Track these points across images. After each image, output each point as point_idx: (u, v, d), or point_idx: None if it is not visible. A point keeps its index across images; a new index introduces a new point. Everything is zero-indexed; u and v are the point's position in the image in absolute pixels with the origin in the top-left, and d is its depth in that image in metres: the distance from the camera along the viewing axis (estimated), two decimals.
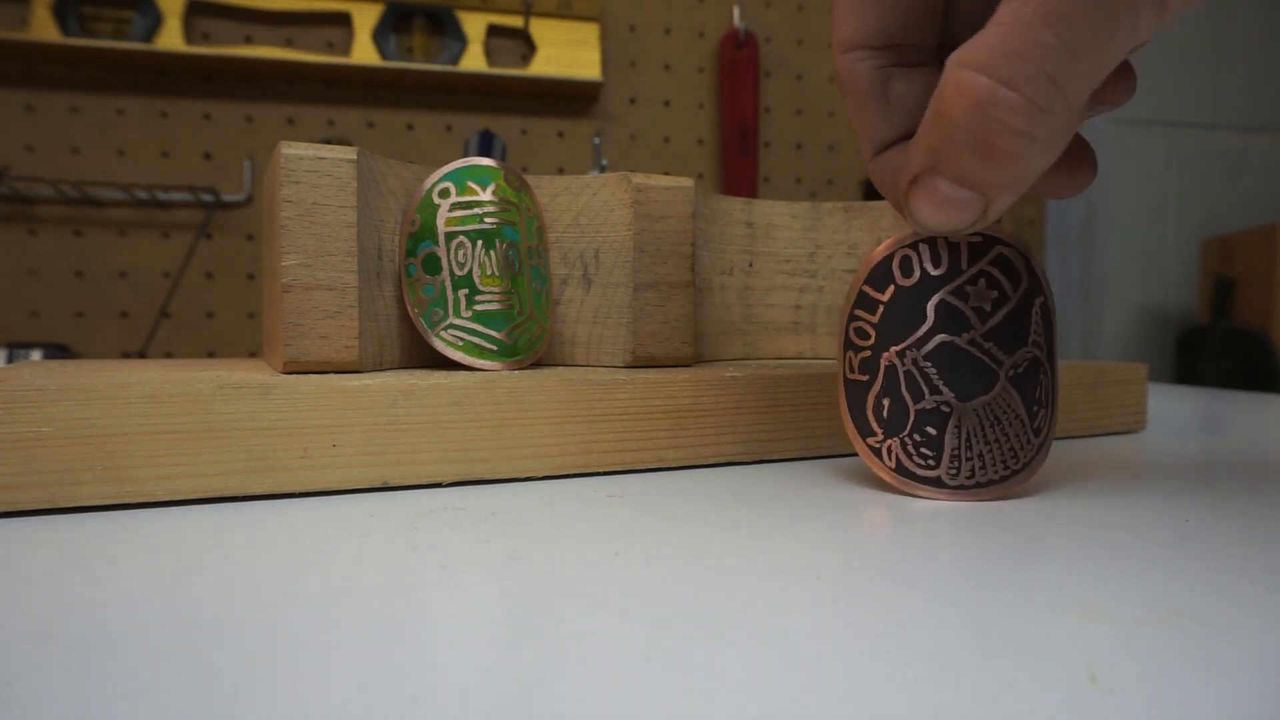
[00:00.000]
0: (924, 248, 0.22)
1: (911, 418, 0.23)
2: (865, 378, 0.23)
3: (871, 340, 0.23)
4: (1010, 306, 0.22)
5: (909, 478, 0.23)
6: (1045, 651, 0.12)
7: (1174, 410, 0.48)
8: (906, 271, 0.23)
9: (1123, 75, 0.20)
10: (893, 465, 0.23)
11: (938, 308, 0.22)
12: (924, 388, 0.23)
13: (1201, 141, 1.52)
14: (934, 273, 0.22)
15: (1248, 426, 0.41)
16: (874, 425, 0.23)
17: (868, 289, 0.23)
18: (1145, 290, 1.52)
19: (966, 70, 0.17)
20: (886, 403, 0.23)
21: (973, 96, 0.17)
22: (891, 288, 0.23)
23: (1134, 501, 0.22)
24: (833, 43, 0.22)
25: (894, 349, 0.23)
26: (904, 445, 0.23)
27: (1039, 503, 0.22)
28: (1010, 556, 0.17)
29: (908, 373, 0.23)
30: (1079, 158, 0.21)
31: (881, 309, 0.23)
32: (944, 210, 0.19)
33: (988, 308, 0.22)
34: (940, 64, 0.22)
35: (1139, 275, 1.51)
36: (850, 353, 0.24)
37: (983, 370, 0.22)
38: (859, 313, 0.23)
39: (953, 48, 0.22)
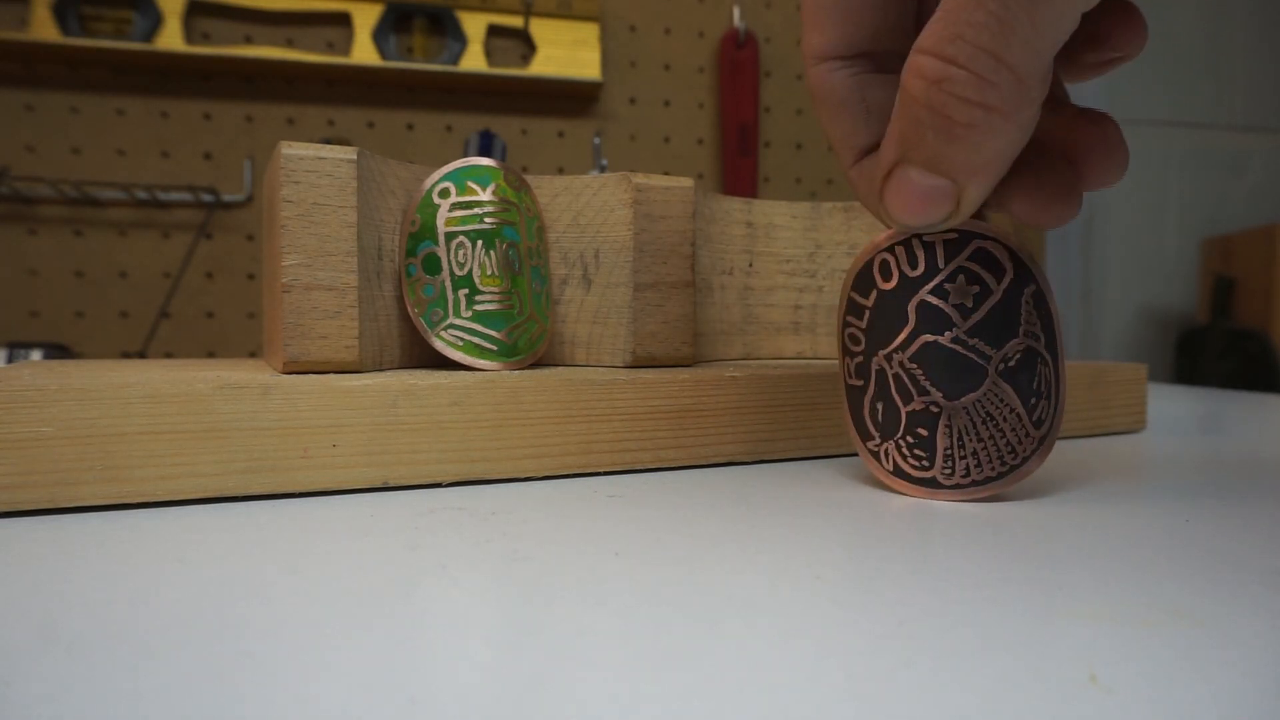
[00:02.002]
0: (900, 250, 0.22)
1: (903, 420, 0.23)
2: (860, 382, 0.24)
3: (862, 345, 0.23)
4: (995, 300, 0.22)
5: (905, 479, 0.23)
6: (1045, 651, 0.12)
7: (1174, 410, 0.48)
8: (885, 275, 0.23)
9: (1128, 22, 0.20)
10: (890, 468, 0.23)
11: (918, 308, 0.22)
12: (912, 389, 0.22)
13: (1201, 141, 1.52)
14: (911, 274, 0.22)
15: (1248, 426, 0.41)
16: (871, 429, 0.23)
17: (855, 295, 0.23)
18: (1145, 290, 1.52)
19: (920, 55, 0.18)
20: (880, 406, 0.23)
21: (928, 76, 0.17)
22: (874, 292, 0.23)
23: (1134, 501, 0.22)
24: (804, 54, 0.22)
25: (881, 353, 0.23)
26: (899, 447, 0.23)
27: (1039, 503, 0.22)
28: (1010, 556, 0.17)
29: (896, 375, 0.23)
30: (1063, 186, 0.21)
31: (868, 314, 0.23)
32: (917, 202, 0.20)
33: (970, 304, 0.22)
34: None
35: (1139, 275, 1.51)
36: (847, 359, 0.24)
37: (970, 367, 0.22)
38: (849, 319, 0.24)
39: None
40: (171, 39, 0.93)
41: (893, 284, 0.22)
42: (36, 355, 0.83)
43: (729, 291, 0.35)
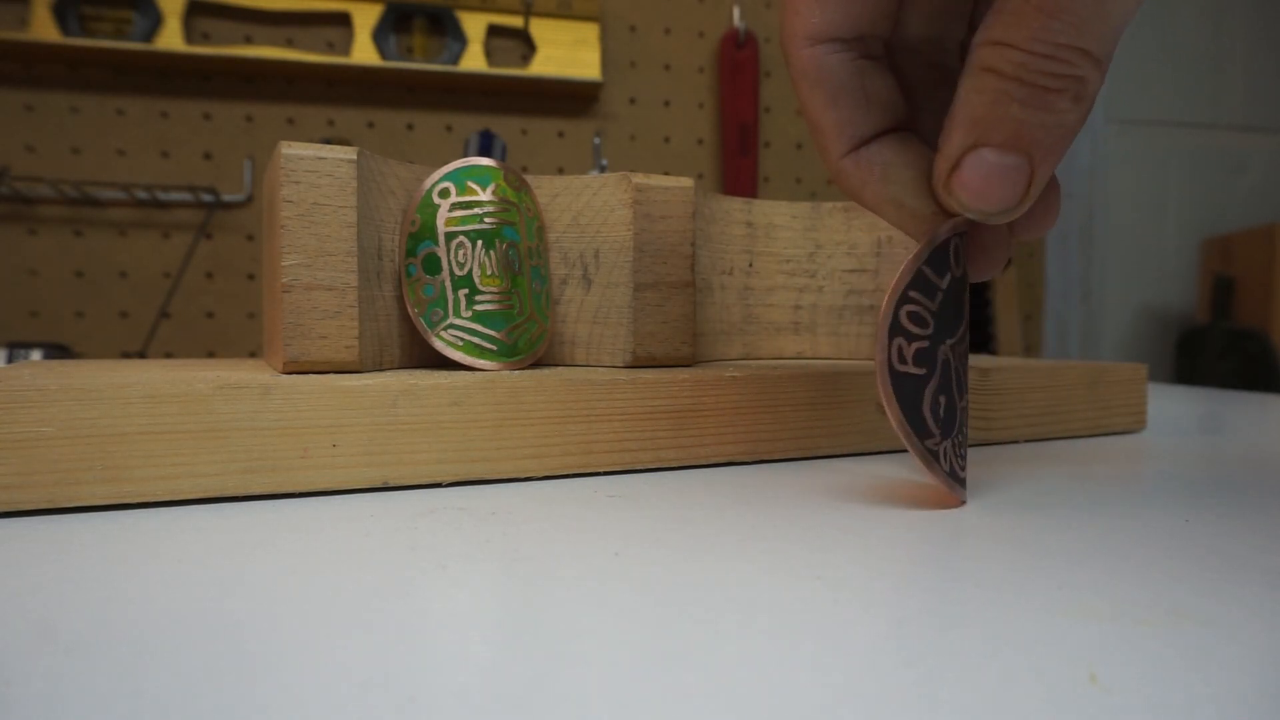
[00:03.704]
0: (958, 241, 0.21)
1: (958, 417, 0.21)
2: (922, 371, 0.20)
3: (930, 329, 0.20)
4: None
5: (958, 482, 0.21)
6: (1045, 651, 0.12)
7: (1174, 410, 0.48)
8: (957, 261, 0.21)
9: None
10: (947, 469, 0.21)
11: (966, 303, 0.22)
12: (962, 384, 0.21)
13: (1201, 141, 1.52)
14: (959, 271, 0.22)
15: (1248, 426, 0.41)
16: (932, 425, 0.20)
17: (929, 271, 0.20)
18: (1145, 290, 1.52)
19: (1000, 46, 0.18)
20: (943, 400, 0.20)
21: (1015, 60, 0.18)
22: (949, 276, 0.20)
23: (1134, 501, 0.22)
24: (789, 36, 0.21)
25: (948, 342, 0.21)
26: (954, 446, 0.21)
27: (1039, 502, 0.22)
28: (1010, 556, 0.17)
29: (956, 369, 0.21)
30: (998, 237, 0.22)
31: (940, 297, 0.20)
32: (993, 183, 0.19)
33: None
34: (890, 59, 0.23)
35: (1139, 275, 1.51)
36: (902, 340, 0.20)
37: (968, 368, 0.23)
38: (915, 295, 0.20)
39: (904, 43, 0.22)
40: (171, 39, 0.93)
41: (960, 272, 0.21)
42: (36, 355, 0.83)
43: (729, 291, 0.35)
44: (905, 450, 0.28)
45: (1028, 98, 0.18)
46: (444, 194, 0.27)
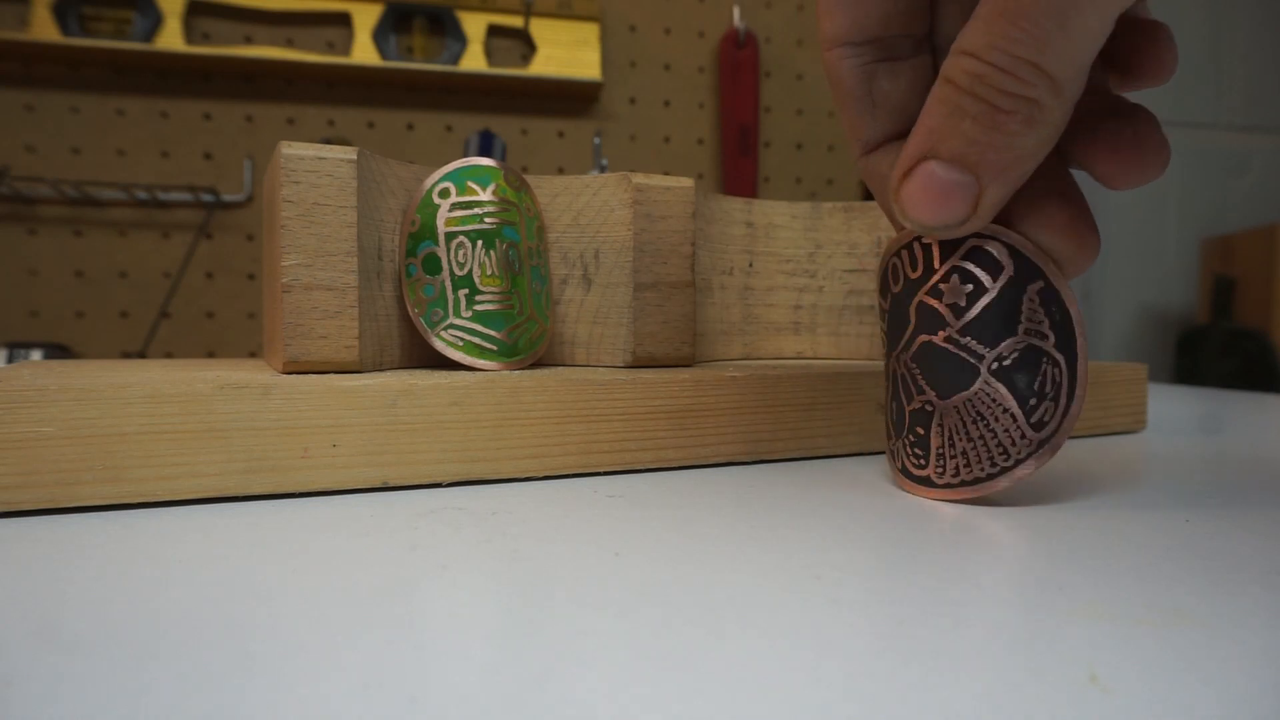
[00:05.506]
0: (904, 253, 0.22)
1: (906, 419, 0.23)
2: (886, 383, 0.25)
3: (884, 348, 0.24)
4: (990, 298, 0.21)
5: (908, 478, 0.23)
6: (1045, 651, 0.12)
7: (1174, 410, 0.48)
8: (895, 279, 0.23)
9: (1157, 49, 0.20)
10: (899, 466, 0.24)
11: (917, 309, 0.22)
12: (912, 389, 0.23)
13: (1201, 141, 1.52)
14: (912, 276, 0.22)
15: (1248, 426, 0.41)
16: (891, 428, 0.24)
17: (880, 299, 0.24)
18: (1145, 290, 1.52)
19: (963, 56, 0.18)
20: (894, 406, 0.24)
21: (972, 71, 0.18)
22: (889, 296, 0.23)
23: (1134, 502, 0.22)
24: (819, 40, 0.22)
25: (893, 354, 0.24)
26: (904, 446, 0.23)
27: (1038, 503, 0.22)
28: (1010, 556, 0.17)
29: (901, 376, 0.23)
30: (1145, 139, 0.20)
31: (885, 317, 0.24)
32: (936, 200, 0.19)
33: (962, 303, 0.21)
34: (930, 54, 0.22)
35: (1139, 275, 1.51)
36: (884, 360, 0.25)
37: (961, 366, 0.22)
38: (881, 322, 0.25)
39: (944, 35, 0.22)
40: (171, 39, 0.93)
41: (899, 287, 0.23)
42: (36, 355, 0.83)
43: (729, 291, 0.35)
44: None
45: (979, 114, 0.18)
46: (444, 194, 0.27)
